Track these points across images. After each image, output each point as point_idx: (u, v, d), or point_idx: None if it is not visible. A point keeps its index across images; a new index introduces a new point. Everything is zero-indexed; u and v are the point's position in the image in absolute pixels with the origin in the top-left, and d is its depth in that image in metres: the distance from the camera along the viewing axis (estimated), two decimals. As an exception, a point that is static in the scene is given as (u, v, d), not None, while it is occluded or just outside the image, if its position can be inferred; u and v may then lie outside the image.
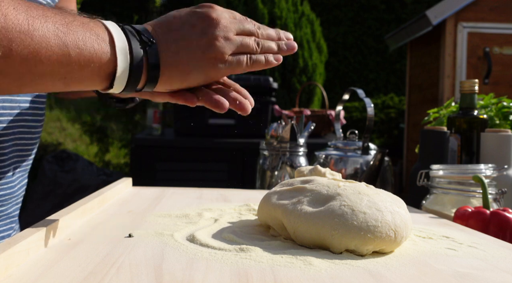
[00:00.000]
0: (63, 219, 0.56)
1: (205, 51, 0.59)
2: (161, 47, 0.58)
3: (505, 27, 5.09)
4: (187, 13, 0.61)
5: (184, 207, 0.77)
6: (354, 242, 0.50)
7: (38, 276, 0.40)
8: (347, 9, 9.13)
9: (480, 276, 0.45)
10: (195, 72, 0.59)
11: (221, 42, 0.60)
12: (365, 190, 0.56)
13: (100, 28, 0.55)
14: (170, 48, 0.58)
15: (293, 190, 0.60)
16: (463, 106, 1.12)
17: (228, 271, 0.43)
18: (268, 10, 5.77)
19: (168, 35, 0.60)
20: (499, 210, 0.74)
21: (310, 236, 0.52)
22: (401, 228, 0.53)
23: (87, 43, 0.53)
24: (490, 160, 1.02)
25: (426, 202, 0.91)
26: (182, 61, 0.58)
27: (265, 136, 1.28)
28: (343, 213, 0.52)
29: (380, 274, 0.45)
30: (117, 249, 0.49)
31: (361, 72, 9.07)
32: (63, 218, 0.56)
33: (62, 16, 0.52)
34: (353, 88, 1.19)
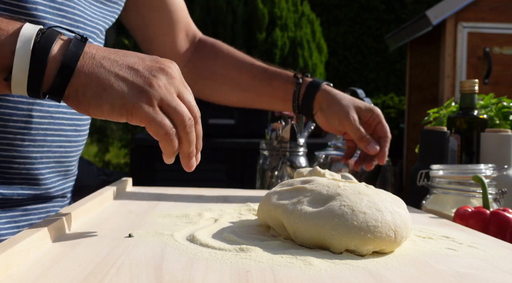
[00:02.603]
0: (63, 219, 0.56)
1: (139, 84, 0.54)
2: (89, 53, 0.54)
3: (505, 27, 5.09)
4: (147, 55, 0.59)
5: (184, 207, 0.77)
6: (354, 242, 0.50)
7: (38, 276, 0.40)
8: (347, 9, 9.12)
9: (480, 276, 0.45)
10: (114, 95, 0.53)
11: (161, 88, 0.55)
12: (365, 190, 0.56)
13: (12, 24, 0.53)
14: (102, 60, 0.54)
15: (293, 190, 0.60)
16: (463, 106, 1.12)
17: (228, 271, 0.43)
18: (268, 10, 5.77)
19: (108, 53, 0.56)
20: (499, 210, 0.74)
21: (310, 236, 0.52)
22: (401, 228, 0.53)
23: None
24: (490, 160, 1.02)
25: (426, 202, 0.91)
26: (106, 76, 0.54)
27: (265, 136, 1.28)
28: (343, 213, 0.52)
29: (380, 274, 0.45)
30: (117, 249, 0.49)
31: (361, 72, 9.06)
32: (63, 218, 0.56)
33: None
34: (353, 88, 1.19)
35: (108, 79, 0.54)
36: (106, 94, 0.53)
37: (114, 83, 0.54)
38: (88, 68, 0.54)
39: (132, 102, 0.53)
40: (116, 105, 0.53)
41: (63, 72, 0.52)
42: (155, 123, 0.54)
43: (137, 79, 0.55)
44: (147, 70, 0.56)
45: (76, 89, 0.53)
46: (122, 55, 0.56)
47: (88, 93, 0.53)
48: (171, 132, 0.55)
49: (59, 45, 0.53)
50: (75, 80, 0.53)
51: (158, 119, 0.54)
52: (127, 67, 0.55)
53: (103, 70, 0.54)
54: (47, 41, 0.52)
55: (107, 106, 0.53)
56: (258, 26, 5.83)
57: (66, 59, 0.52)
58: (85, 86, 0.53)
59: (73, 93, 0.54)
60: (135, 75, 0.55)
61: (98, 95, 0.53)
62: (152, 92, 0.54)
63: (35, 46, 0.52)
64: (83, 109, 0.55)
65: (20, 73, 0.52)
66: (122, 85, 0.54)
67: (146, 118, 0.54)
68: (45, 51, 0.52)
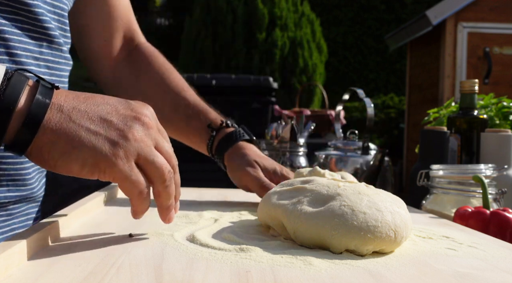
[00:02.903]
0: (63, 219, 0.56)
1: (113, 138, 0.50)
2: (57, 104, 0.49)
3: (505, 27, 5.09)
4: (118, 100, 0.53)
5: (184, 207, 0.77)
6: (354, 242, 0.50)
7: (38, 276, 0.40)
8: (347, 9, 9.13)
9: (480, 276, 0.45)
10: (85, 153, 0.48)
11: (137, 141, 0.51)
12: (365, 190, 0.56)
13: None
14: (71, 113, 0.49)
15: (293, 190, 0.60)
16: (463, 106, 1.12)
17: (228, 271, 0.43)
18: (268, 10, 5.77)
19: (77, 102, 0.50)
20: (499, 210, 0.74)
21: (310, 236, 0.52)
22: (401, 228, 0.53)
23: None
24: (490, 160, 1.02)
25: (426, 202, 0.91)
26: (76, 131, 0.48)
27: (265, 136, 1.28)
28: (343, 213, 0.52)
29: (380, 274, 0.45)
30: (117, 249, 0.49)
31: (361, 72, 9.07)
32: (63, 218, 0.56)
33: None
34: (353, 88, 1.19)
35: (78, 135, 0.48)
36: (76, 152, 0.48)
37: (84, 139, 0.48)
38: (56, 123, 0.48)
39: (105, 159, 0.49)
40: (87, 163, 0.49)
41: (27, 127, 0.47)
42: (129, 182, 0.50)
43: (111, 133, 0.50)
44: (121, 121, 0.51)
45: (40, 146, 0.48)
46: (93, 104, 0.51)
47: (54, 151, 0.48)
48: (145, 191, 0.51)
49: (26, 95, 0.48)
50: (40, 136, 0.48)
51: (133, 177, 0.50)
52: (99, 119, 0.50)
53: (73, 124, 0.49)
54: (13, 90, 0.46)
55: (76, 166, 0.49)
56: (258, 26, 5.83)
57: (32, 111, 0.47)
58: (52, 143, 0.48)
59: (37, 150, 0.48)
60: (108, 128, 0.50)
61: (66, 153, 0.48)
62: (127, 146, 0.50)
63: (0, 96, 0.46)
64: (48, 166, 0.49)
65: None
66: (95, 141, 0.49)
67: (120, 176, 0.49)
68: (11, 105, 0.46)
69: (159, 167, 0.52)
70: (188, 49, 6.41)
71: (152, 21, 10.49)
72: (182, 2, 9.31)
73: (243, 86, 3.63)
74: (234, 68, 5.98)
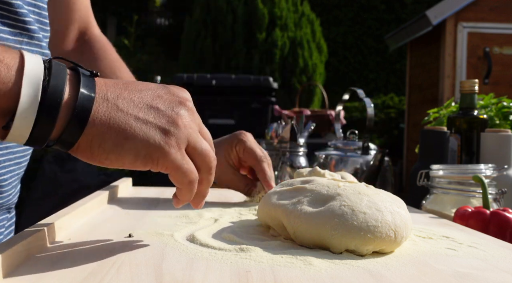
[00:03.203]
0: (63, 219, 0.56)
1: (163, 125, 0.48)
2: (101, 94, 0.46)
3: (505, 27, 5.09)
4: (156, 84, 0.51)
5: (184, 207, 0.76)
6: (354, 242, 0.50)
7: (38, 276, 0.40)
8: (347, 9, 9.13)
9: (480, 276, 0.45)
10: (138, 144, 0.46)
11: (186, 127, 0.49)
12: (365, 190, 0.56)
13: (10, 54, 0.43)
14: (117, 101, 0.46)
15: (293, 190, 0.60)
16: (463, 106, 1.12)
17: (228, 271, 0.43)
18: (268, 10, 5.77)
19: (119, 89, 0.48)
20: (499, 210, 0.74)
21: (310, 236, 0.52)
22: (401, 228, 0.53)
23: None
24: (490, 160, 1.02)
25: (426, 202, 0.91)
26: (126, 121, 0.46)
27: (265, 136, 1.28)
28: (343, 213, 0.52)
29: (380, 274, 0.45)
30: (117, 249, 0.49)
31: (361, 72, 9.07)
32: (63, 218, 0.56)
33: None
34: (353, 88, 1.19)
35: (129, 125, 0.46)
36: (129, 144, 0.46)
37: (136, 128, 0.46)
38: (104, 114, 0.45)
39: (159, 149, 0.47)
40: (140, 155, 0.46)
41: (76, 121, 0.44)
42: (182, 171, 0.48)
43: (160, 120, 0.47)
44: (167, 107, 0.49)
45: (90, 139, 0.45)
46: (135, 90, 0.49)
47: (106, 144, 0.45)
48: (195, 180, 0.50)
49: (68, 85, 0.45)
50: (89, 130, 0.45)
51: (185, 166, 0.48)
52: (146, 107, 0.48)
53: (121, 113, 0.46)
54: (58, 82, 0.43)
55: (130, 158, 0.46)
56: (258, 26, 5.83)
57: (79, 105, 0.44)
58: (102, 135, 0.45)
59: (85, 144, 0.45)
60: (157, 115, 0.48)
61: (119, 146, 0.46)
62: (178, 134, 0.48)
63: (45, 89, 0.42)
64: (97, 161, 0.47)
65: (24, 122, 0.42)
66: (146, 130, 0.46)
67: (173, 166, 0.48)
68: (58, 97, 0.43)
69: (206, 155, 0.51)
70: (188, 49, 6.41)
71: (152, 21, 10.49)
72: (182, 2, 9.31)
73: (243, 86, 3.63)
74: (234, 68, 5.98)
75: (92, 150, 0.46)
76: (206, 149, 0.51)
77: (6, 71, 0.41)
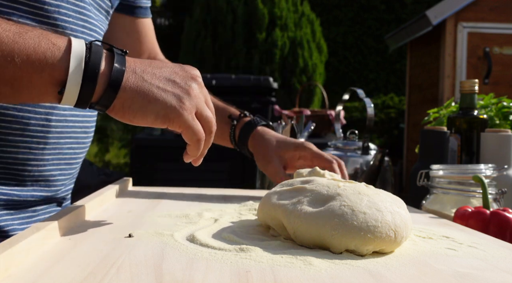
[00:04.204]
0: (63, 219, 0.56)
1: (179, 93, 0.60)
2: (130, 68, 0.59)
3: (505, 27, 5.09)
4: (173, 64, 0.64)
5: (184, 207, 0.77)
6: (354, 242, 0.50)
7: (38, 276, 0.40)
8: (347, 9, 9.13)
9: (480, 276, 0.45)
10: (159, 106, 0.59)
11: (196, 96, 0.61)
12: (365, 190, 0.56)
13: (61, 39, 0.56)
14: (143, 74, 0.59)
15: (293, 190, 0.59)
16: (463, 106, 1.12)
17: (228, 271, 0.43)
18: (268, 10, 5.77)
19: (144, 65, 0.61)
20: (499, 210, 0.74)
21: (310, 236, 0.52)
22: (401, 228, 0.53)
23: (39, 50, 0.54)
24: (490, 160, 1.02)
25: (426, 202, 0.91)
26: (149, 89, 0.59)
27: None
28: (343, 213, 0.52)
29: (380, 274, 0.45)
30: (117, 249, 0.49)
31: (361, 72, 9.07)
32: (63, 218, 0.56)
33: (18, 27, 0.56)
34: (353, 88, 1.19)
35: (152, 92, 0.58)
36: (152, 106, 0.58)
37: (157, 94, 0.59)
38: (133, 83, 0.58)
39: (174, 111, 0.59)
40: (160, 115, 0.59)
41: (111, 87, 0.56)
42: (192, 130, 0.60)
43: (176, 90, 0.60)
44: (182, 80, 0.61)
45: (122, 102, 0.58)
46: (156, 67, 0.61)
47: (134, 105, 0.58)
48: (203, 139, 0.62)
49: (105, 61, 0.57)
50: (121, 94, 0.57)
51: (196, 126, 0.60)
52: (165, 79, 0.60)
53: (146, 83, 0.59)
54: (96, 58, 0.56)
55: (152, 117, 0.59)
56: (258, 26, 5.83)
57: (113, 75, 0.56)
58: (132, 99, 0.58)
59: (119, 105, 0.58)
60: (173, 86, 0.60)
61: (144, 107, 0.58)
62: (190, 100, 0.60)
63: (87, 63, 0.55)
64: (127, 119, 0.59)
65: (73, 88, 0.55)
66: (165, 96, 0.59)
67: (185, 125, 0.60)
68: (96, 69, 0.56)
69: (210, 120, 0.63)
70: (188, 49, 6.41)
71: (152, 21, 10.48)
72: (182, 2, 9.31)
73: (243, 86, 3.63)
74: (234, 68, 5.98)
75: (124, 110, 0.58)
76: (210, 116, 0.63)
77: (58, 52, 0.55)
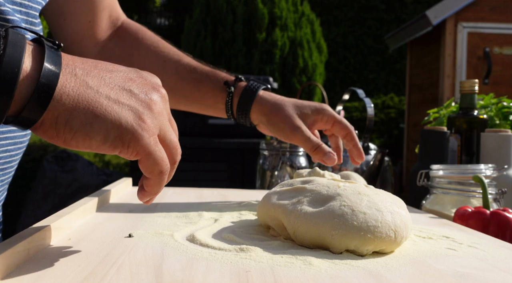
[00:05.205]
0: (63, 219, 0.56)
1: (138, 108, 0.45)
2: (69, 68, 0.43)
3: (505, 27, 5.09)
4: (127, 67, 0.49)
5: (184, 207, 0.77)
6: (354, 242, 0.50)
7: (38, 276, 0.40)
8: (347, 9, 9.13)
9: (480, 276, 0.45)
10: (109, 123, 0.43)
11: (160, 114, 0.46)
12: (365, 191, 0.56)
13: None
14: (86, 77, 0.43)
15: (293, 190, 0.60)
16: (463, 106, 1.12)
17: (228, 271, 0.43)
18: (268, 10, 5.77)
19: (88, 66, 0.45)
20: (499, 210, 0.74)
21: (310, 236, 0.52)
22: (401, 228, 0.53)
23: None
24: (490, 160, 1.02)
25: (426, 202, 0.91)
26: (96, 98, 0.43)
27: (265, 136, 1.28)
28: (343, 213, 0.52)
29: (380, 274, 0.45)
30: (117, 249, 0.49)
31: (361, 72, 9.06)
32: (63, 218, 0.56)
33: None
34: (353, 88, 1.19)
35: (100, 103, 0.42)
36: (99, 123, 0.42)
37: (107, 107, 0.43)
38: (72, 88, 0.42)
39: (131, 131, 0.43)
40: (110, 136, 0.43)
41: (40, 94, 0.40)
42: (153, 158, 0.45)
43: (133, 103, 0.45)
44: (141, 91, 0.46)
45: (55, 116, 0.41)
46: (105, 70, 0.46)
47: (73, 121, 0.42)
48: (166, 170, 0.47)
49: (29, 55, 0.41)
50: (55, 105, 0.41)
51: (157, 153, 0.45)
52: (117, 87, 0.45)
53: (91, 90, 0.43)
54: (15, 50, 0.39)
55: (98, 138, 0.43)
56: (258, 26, 5.83)
57: (43, 77, 0.40)
58: (69, 112, 0.41)
59: (50, 121, 0.41)
60: (129, 97, 0.45)
61: (87, 124, 0.42)
62: (152, 118, 0.45)
63: (1, 58, 0.38)
64: (61, 140, 0.42)
65: None
66: (118, 110, 0.43)
67: (145, 151, 0.45)
68: (15, 68, 0.39)
69: (174, 147, 0.48)
70: (188, 49, 6.41)
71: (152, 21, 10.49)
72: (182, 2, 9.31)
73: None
74: (234, 68, 5.98)
75: (58, 128, 0.42)
76: (175, 141, 0.48)
77: None
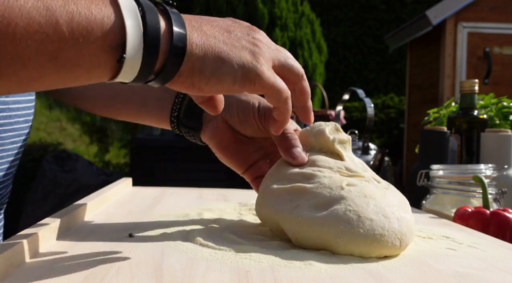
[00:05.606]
0: (63, 219, 0.56)
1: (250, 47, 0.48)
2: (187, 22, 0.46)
3: (505, 27, 5.09)
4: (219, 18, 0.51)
5: (184, 207, 0.77)
6: (359, 250, 0.49)
7: (38, 276, 0.40)
8: (347, 9, 9.13)
9: (480, 276, 0.45)
10: (234, 65, 0.46)
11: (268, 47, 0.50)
12: (371, 193, 0.53)
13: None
14: (202, 27, 0.46)
15: (292, 191, 0.55)
16: (463, 106, 1.12)
17: (228, 271, 0.43)
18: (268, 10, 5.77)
19: (196, 18, 0.48)
20: (499, 210, 0.74)
21: (312, 242, 0.51)
22: (407, 236, 0.51)
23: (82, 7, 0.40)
24: (490, 160, 1.02)
25: (426, 202, 0.91)
26: (219, 45, 0.46)
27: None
28: (348, 219, 0.49)
29: (380, 274, 0.45)
30: (117, 249, 0.49)
31: (361, 72, 9.07)
32: (63, 218, 0.56)
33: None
34: (353, 88, 1.19)
35: (222, 49, 0.46)
36: (227, 66, 0.46)
37: (230, 51, 0.46)
38: (198, 40, 0.45)
39: (254, 69, 0.47)
40: (237, 76, 0.46)
41: (176, 49, 0.43)
42: (277, 88, 0.49)
43: (244, 43, 0.48)
44: (243, 32, 0.49)
45: (191, 67, 0.45)
46: (208, 20, 0.48)
47: (206, 68, 0.45)
48: (289, 95, 0.51)
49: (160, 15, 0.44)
50: (189, 56, 0.44)
51: (279, 82, 0.49)
52: (227, 33, 0.47)
53: (212, 38, 0.46)
54: (151, 12, 0.43)
55: (229, 80, 0.46)
56: (258, 26, 5.83)
57: (175, 33, 0.43)
58: (201, 60, 0.45)
59: (187, 71, 0.45)
60: (239, 40, 0.48)
61: (218, 68, 0.46)
62: (264, 53, 0.48)
63: (144, 18, 0.42)
64: (196, 88, 0.46)
65: (135, 52, 0.41)
66: (237, 52, 0.47)
67: (269, 84, 0.48)
68: (156, 24, 0.42)
69: (295, 65, 0.52)
70: (188, 49, 6.39)
71: (152, 21, 10.47)
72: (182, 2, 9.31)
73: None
74: (234, 68, 5.98)
75: (193, 77, 0.45)
76: (290, 60, 0.52)
77: (104, 7, 0.41)
